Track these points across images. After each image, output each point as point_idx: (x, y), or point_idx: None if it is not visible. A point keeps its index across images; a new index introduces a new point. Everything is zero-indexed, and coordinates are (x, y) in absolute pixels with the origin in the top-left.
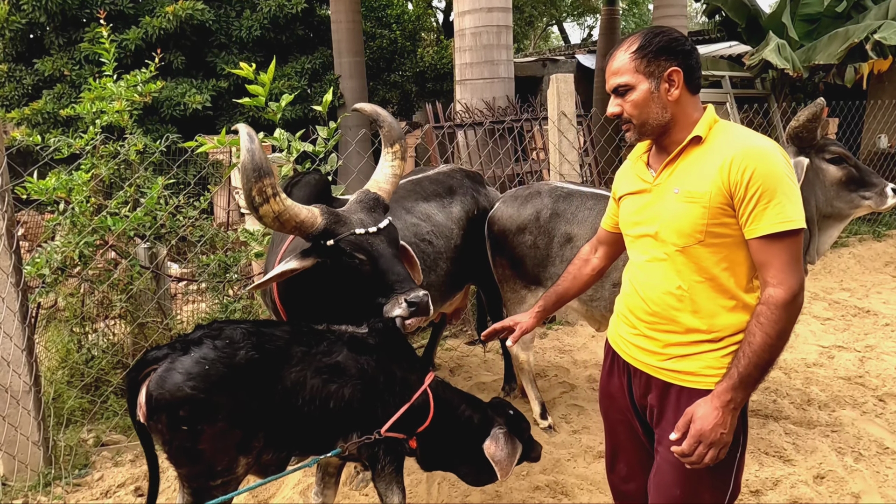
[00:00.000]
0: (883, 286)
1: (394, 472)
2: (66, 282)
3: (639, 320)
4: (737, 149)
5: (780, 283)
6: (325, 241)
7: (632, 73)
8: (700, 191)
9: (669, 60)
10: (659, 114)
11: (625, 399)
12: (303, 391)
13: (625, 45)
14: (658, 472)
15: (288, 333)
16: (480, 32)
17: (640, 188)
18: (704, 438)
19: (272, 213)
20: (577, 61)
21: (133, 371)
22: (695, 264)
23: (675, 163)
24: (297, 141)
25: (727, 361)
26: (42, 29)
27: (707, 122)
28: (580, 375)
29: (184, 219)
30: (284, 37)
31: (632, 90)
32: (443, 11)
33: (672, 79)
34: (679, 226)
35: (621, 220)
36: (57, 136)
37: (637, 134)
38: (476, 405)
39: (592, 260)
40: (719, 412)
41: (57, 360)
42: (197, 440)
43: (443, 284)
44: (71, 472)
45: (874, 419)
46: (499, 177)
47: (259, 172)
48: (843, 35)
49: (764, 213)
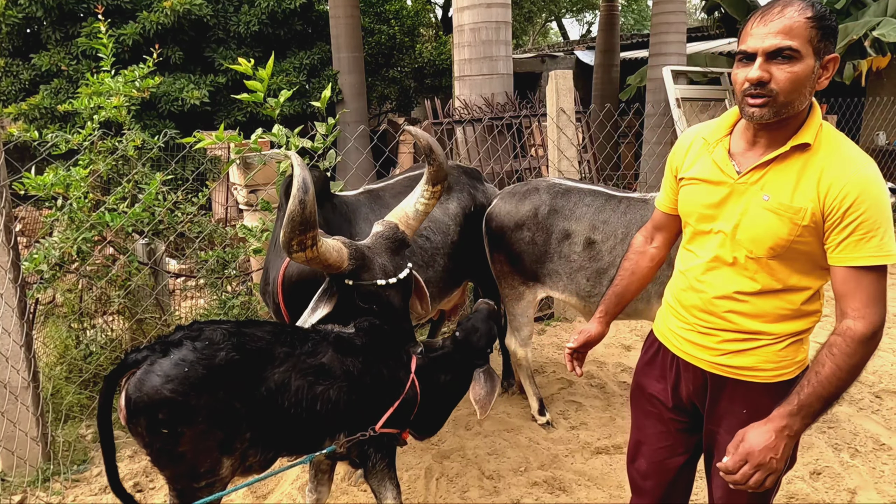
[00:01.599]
0: None
1: (386, 468)
2: (64, 277)
3: (692, 316)
4: (843, 172)
5: (862, 316)
6: (346, 280)
7: (805, 42)
8: (795, 206)
9: (830, 45)
10: (806, 97)
11: (665, 393)
12: (287, 393)
13: (792, 5)
14: (719, 455)
15: (270, 334)
16: (479, 28)
17: (719, 179)
18: (752, 458)
19: (304, 258)
20: (576, 57)
21: (113, 373)
22: (766, 274)
23: (770, 166)
24: (295, 137)
25: (785, 354)
26: (39, 23)
27: (815, 127)
28: None
29: (182, 215)
30: (283, 32)
31: (797, 60)
32: (442, 7)
33: (828, 66)
34: (760, 236)
35: (686, 206)
36: (54, 131)
37: (774, 113)
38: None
39: (650, 250)
40: (772, 435)
41: (55, 356)
42: (177, 442)
43: (440, 281)
44: (70, 467)
45: (870, 415)
46: (497, 173)
47: (306, 226)
48: (842, 32)
49: (858, 244)
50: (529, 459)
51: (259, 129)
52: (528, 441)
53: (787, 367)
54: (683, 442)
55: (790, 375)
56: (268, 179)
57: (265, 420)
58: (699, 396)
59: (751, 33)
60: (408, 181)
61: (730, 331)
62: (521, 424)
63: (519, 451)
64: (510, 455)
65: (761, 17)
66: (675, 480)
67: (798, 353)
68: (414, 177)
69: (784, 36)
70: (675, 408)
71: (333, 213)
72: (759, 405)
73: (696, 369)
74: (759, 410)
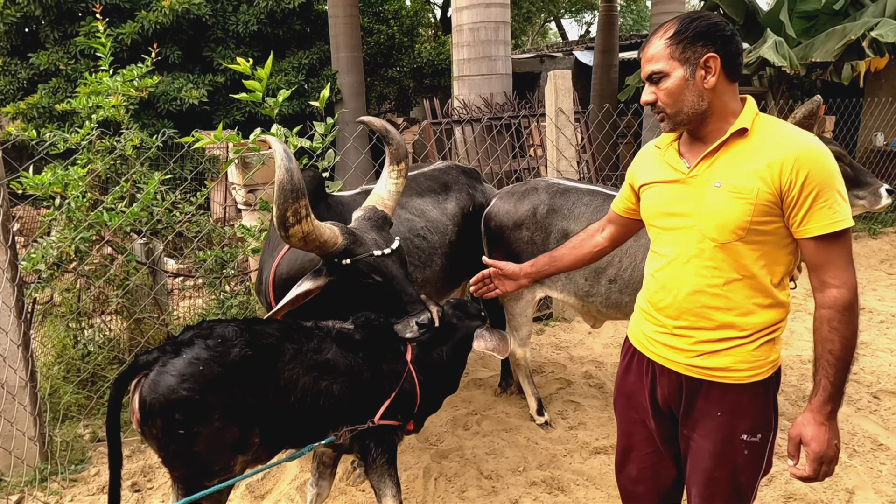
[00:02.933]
0: (878, 283)
1: (386, 464)
2: (62, 277)
3: (667, 317)
4: (789, 148)
5: (843, 283)
6: (342, 259)
7: (666, 60)
8: (747, 186)
9: (707, 46)
10: (694, 102)
11: (644, 398)
12: (295, 388)
13: (661, 30)
14: (694, 459)
15: (279, 330)
16: (478, 28)
17: (673, 178)
18: (826, 458)
19: (301, 233)
20: (575, 58)
21: (123, 377)
22: (734, 261)
23: (715, 155)
24: (294, 137)
25: (758, 354)
26: (37, 22)
27: (750, 115)
28: (577, 372)
29: (180, 214)
30: (281, 31)
31: (666, 77)
32: (441, 7)
33: (709, 65)
34: (721, 221)
35: (647, 210)
36: (53, 130)
37: (672, 124)
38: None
39: (598, 237)
40: (826, 426)
41: (53, 356)
42: (193, 442)
43: (438, 280)
44: (67, 467)
45: (868, 415)
46: (496, 173)
47: (297, 193)
48: (841, 32)
49: (820, 213)
50: (528, 459)
51: (258, 128)
52: (527, 441)
53: (761, 367)
54: (669, 451)
55: (764, 375)
56: (266, 179)
57: (275, 415)
58: (675, 401)
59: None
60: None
61: (704, 329)
62: (519, 424)
63: (517, 450)
64: (509, 455)
65: (642, 50)
66: (667, 490)
67: (771, 352)
68: (412, 176)
69: (650, 63)
70: (656, 414)
71: (327, 212)
72: (735, 407)
73: (671, 373)
74: (735, 412)
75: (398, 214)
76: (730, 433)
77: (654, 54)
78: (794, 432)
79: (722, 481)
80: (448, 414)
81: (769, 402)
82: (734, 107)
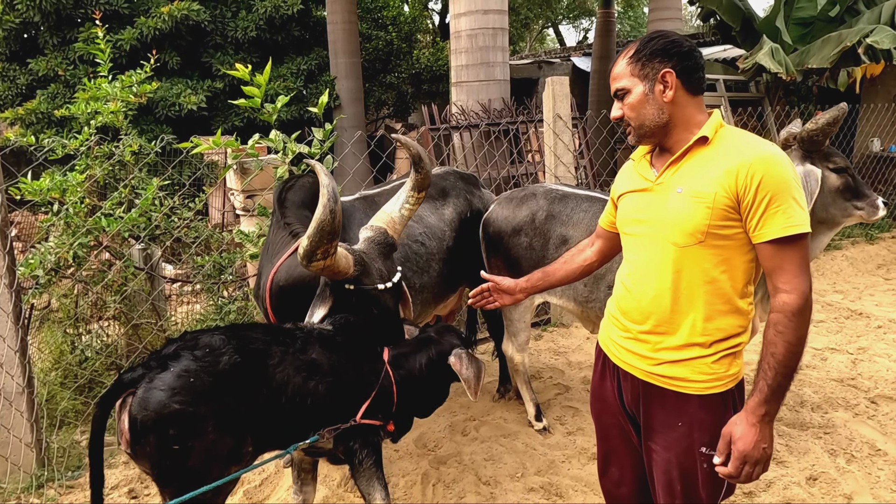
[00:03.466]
0: (875, 288)
1: (373, 467)
2: (60, 282)
3: (631, 322)
4: (745, 154)
5: (794, 288)
6: (347, 285)
7: (628, 77)
8: (706, 191)
9: (663, 62)
10: (655, 115)
11: (616, 402)
12: (286, 390)
13: (625, 51)
14: (657, 472)
15: (266, 334)
16: (476, 34)
17: (642, 186)
18: (750, 458)
19: (322, 266)
20: (573, 63)
21: (107, 396)
22: (694, 265)
23: (679, 163)
24: (292, 142)
25: (718, 368)
26: (36, 28)
27: (713, 125)
28: (575, 377)
29: (178, 220)
30: (280, 37)
31: (628, 93)
32: (439, 13)
33: (665, 80)
34: (681, 224)
35: (619, 219)
36: (51, 136)
37: (637, 136)
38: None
39: (587, 252)
40: (757, 428)
41: (50, 362)
42: (188, 457)
43: (435, 286)
44: (64, 473)
45: (866, 421)
46: (494, 179)
47: (333, 235)
48: (836, 39)
49: (774, 218)
50: (526, 465)
51: (256, 134)
52: (525, 447)
53: (721, 380)
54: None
55: (723, 388)
56: (264, 185)
57: (268, 419)
58: (637, 407)
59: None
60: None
61: (666, 334)
62: (517, 430)
63: (516, 456)
64: (507, 461)
65: (611, 68)
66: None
67: (731, 366)
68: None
69: (614, 81)
70: (627, 415)
71: None
72: (694, 418)
73: (633, 378)
74: (693, 424)
75: None
76: (689, 445)
77: (618, 73)
78: (726, 430)
79: (683, 495)
80: (446, 420)
81: (728, 416)
82: (699, 119)
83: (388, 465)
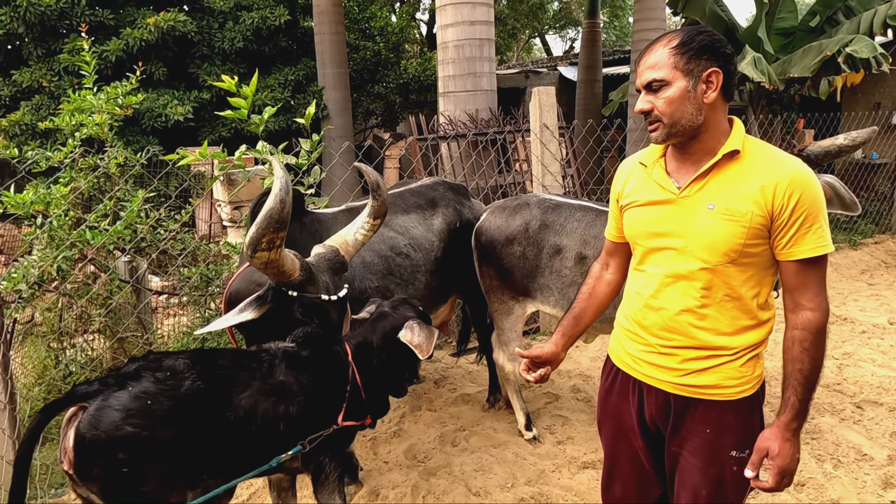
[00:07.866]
0: (859, 294)
1: (337, 480)
2: (44, 296)
3: (652, 336)
4: (780, 172)
5: (817, 306)
6: (290, 290)
7: (670, 69)
8: (740, 209)
9: (710, 61)
10: (692, 115)
11: (630, 418)
12: (254, 417)
13: (664, 39)
14: (682, 476)
15: (231, 360)
16: (463, 45)
17: (663, 198)
18: (788, 472)
19: (266, 259)
20: (560, 73)
21: (55, 405)
22: (722, 283)
23: (707, 176)
24: (279, 153)
25: (745, 370)
26: (20, 39)
27: (741, 136)
28: (564, 386)
29: (165, 231)
30: (267, 48)
31: (667, 86)
32: (426, 24)
33: (711, 80)
34: (712, 243)
35: (633, 229)
36: (35, 148)
37: (665, 134)
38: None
39: (606, 276)
40: (791, 442)
41: (34, 377)
42: (140, 483)
43: (422, 297)
44: (47, 491)
45: (852, 426)
46: (482, 188)
47: (280, 225)
48: (817, 49)
49: (806, 237)
50: (516, 475)
51: (243, 145)
52: (515, 456)
53: (748, 384)
54: (655, 470)
55: (751, 391)
56: (251, 196)
57: (231, 445)
58: (662, 419)
59: (637, 72)
60: (391, 197)
61: (691, 347)
62: (507, 440)
63: (506, 466)
64: (497, 471)
65: (641, 58)
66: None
67: (756, 368)
68: (398, 193)
69: (651, 69)
70: (643, 433)
71: (301, 231)
72: (723, 423)
73: (658, 392)
74: (723, 429)
75: (381, 233)
76: (718, 450)
77: (656, 62)
78: (762, 446)
79: (710, 498)
80: (436, 430)
81: (755, 418)
82: (725, 126)
83: (377, 477)
